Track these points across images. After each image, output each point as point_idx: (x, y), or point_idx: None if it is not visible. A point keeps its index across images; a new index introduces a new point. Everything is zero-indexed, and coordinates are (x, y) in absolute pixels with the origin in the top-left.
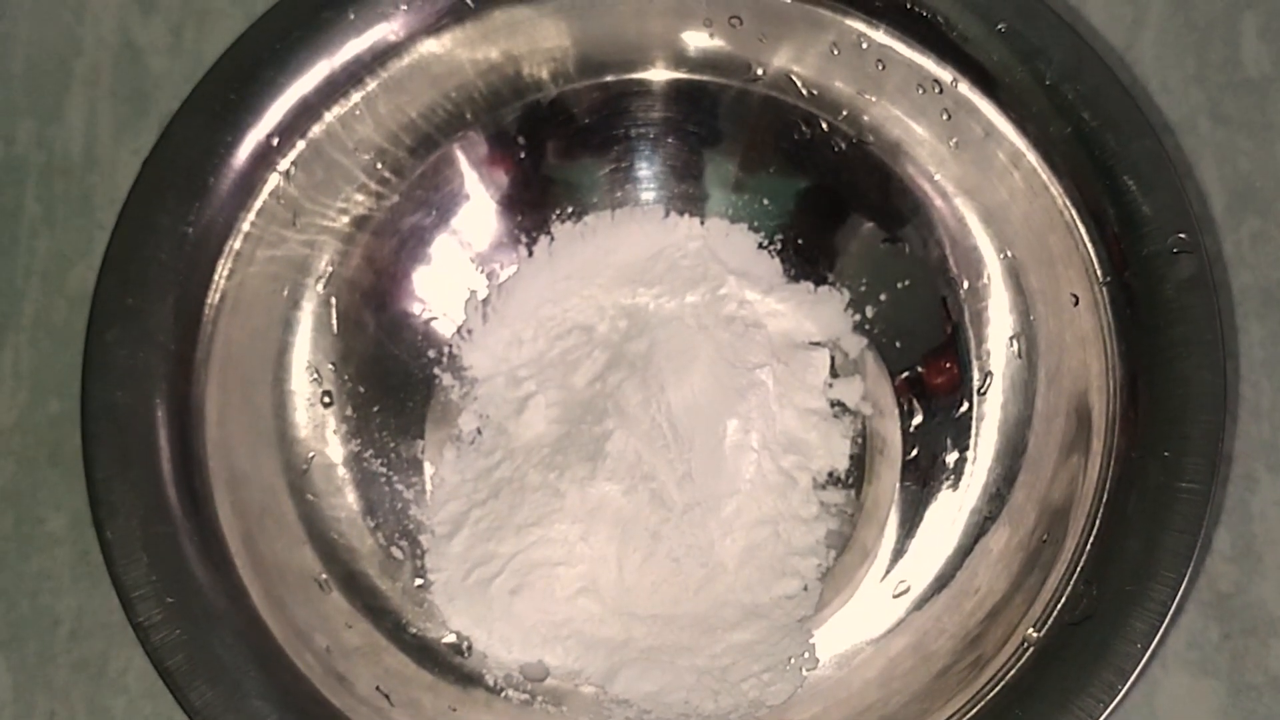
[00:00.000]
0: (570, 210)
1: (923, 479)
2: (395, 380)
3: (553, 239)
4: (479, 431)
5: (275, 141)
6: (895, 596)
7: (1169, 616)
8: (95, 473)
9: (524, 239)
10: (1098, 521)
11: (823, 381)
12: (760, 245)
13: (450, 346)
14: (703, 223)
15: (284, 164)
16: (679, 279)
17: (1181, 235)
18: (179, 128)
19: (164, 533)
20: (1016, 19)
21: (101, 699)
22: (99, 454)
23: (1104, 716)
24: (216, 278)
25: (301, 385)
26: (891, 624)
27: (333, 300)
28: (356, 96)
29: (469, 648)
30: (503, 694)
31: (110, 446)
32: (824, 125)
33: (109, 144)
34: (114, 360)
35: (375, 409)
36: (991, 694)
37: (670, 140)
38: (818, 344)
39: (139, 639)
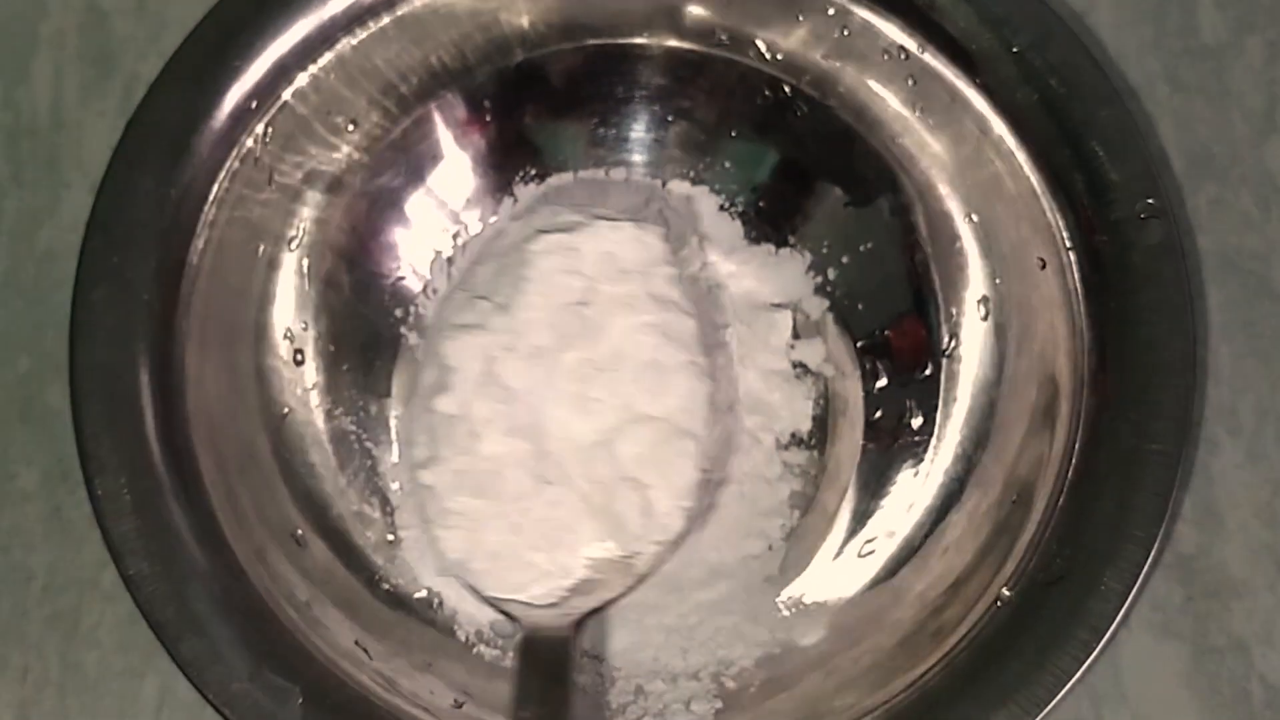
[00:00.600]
0: (533, 172)
1: (888, 441)
2: (363, 339)
3: (515, 200)
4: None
5: (253, 104)
6: (861, 556)
7: (1142, 576)
8: (84, 429)
9: (490, 200)
10: (1068, 483)
11: (785, 343)
12: (721, 208)
13: (416, 306)
14: (664, 184)
15: (260, 126)
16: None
17: (1150, 201)
18: (160, 91)
19: (150, 487)
20: None
21: (74, 654)
22: (87, 411)
23: (1077, 675)
24: (197, 238)
25: (275, 344)
26: (859, 585)
27: (305, 260)
28: (331, 58)
29: (440, 603)
30: (474, 649)
31: (97, 404)
32: (787, 89)
33: (75, 106)
34: (100, 319)
35: (345, 367)
36: (965, 652)
37: (634, 104)
38: (779, 306)
39: (130, 592)
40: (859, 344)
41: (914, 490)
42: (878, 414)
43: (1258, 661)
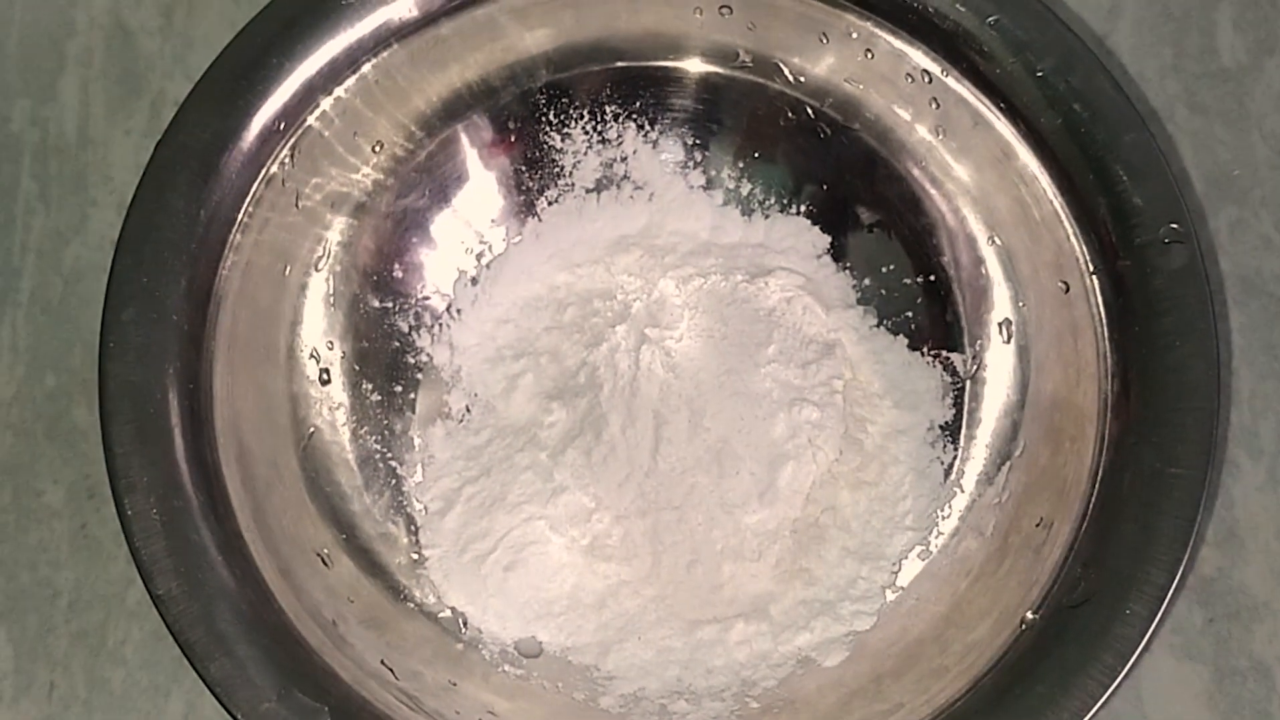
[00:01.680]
0: (558, 193)
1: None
2: (388, 358)
3: (540, 220)
4: (468, 409)
5: (280, 126)
6: (885, 588)
7: (1167, 599)
8: (114, 449)
9: (515, 220)
10: (1091, 506)
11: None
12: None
13: (441, 325)
14: (691, 206)
15: (287, 148)
16: (666, 259)
17: (1174, 225)
18: (190, 112)
19: (179, 508)
20: (1006, 12)
21: (100, 670)
22: (117, 431)
23: (1104, 698)
24: (225, 259)
25: (301, 363)
26: (884, 608)
27: (331, 281)
28: (357, 81)
29: (465, 623)
30: (499, 669)
31: (127, 424)
32: (810, 112)
33: (102, 123)
34: (130, 339)
35: (369, 386)
36: (991, 675)
37: (658, 125)
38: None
39: (159, 611)
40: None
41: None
42: None
43: (1279, 683)
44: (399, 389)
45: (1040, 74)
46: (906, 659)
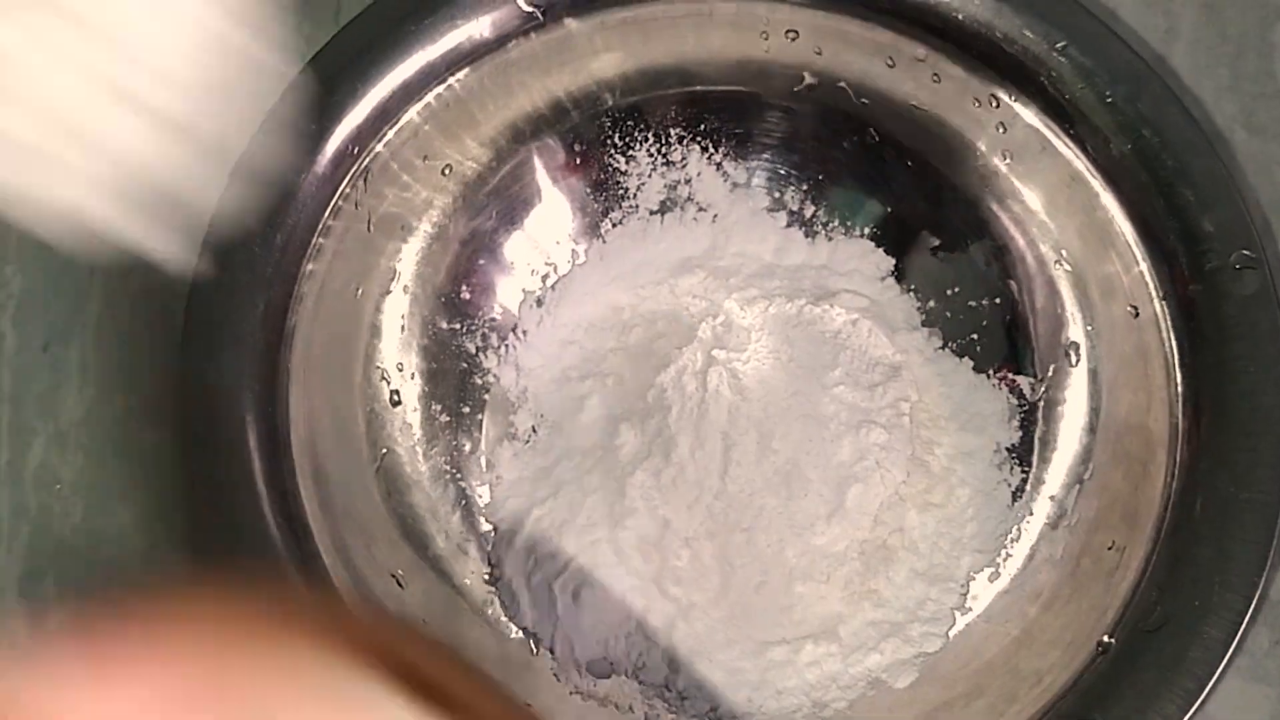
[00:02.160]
0: (623, 214)
1: None
2: (456, 380)
3: (604, 242)
4: (534, 430)
5: (354, 150)
6: (954, 609)
7: (1244, 624)
8: (193, 472)
9: (582, 241)
10: (1165, 530)
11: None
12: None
13: (507, 347)
14: (754, 228)
15: (360, 171)
16: (731, 281)
17: (1245, 251)
18: (263, 139)
19: (258, 528)
20: (1074, 38)
21: None
22: (196, 454)
23: None
24: (300, 282)
25: (374, 385)
26: (955, 631)
27: (401, 302)
28: (428, 104)
29: (536, 644)
30: (570, 689)
31: (206, 447)
32: (874, 134)
33: None
34: (207, 363)
35: (438, 408)
36: (1066, 701)
37: (722, 147)
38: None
39: None
40: None
41: (1010, 537)
42: None
43: None
44: (467, 410)
45: (1110, 100)
46: (978, 683)
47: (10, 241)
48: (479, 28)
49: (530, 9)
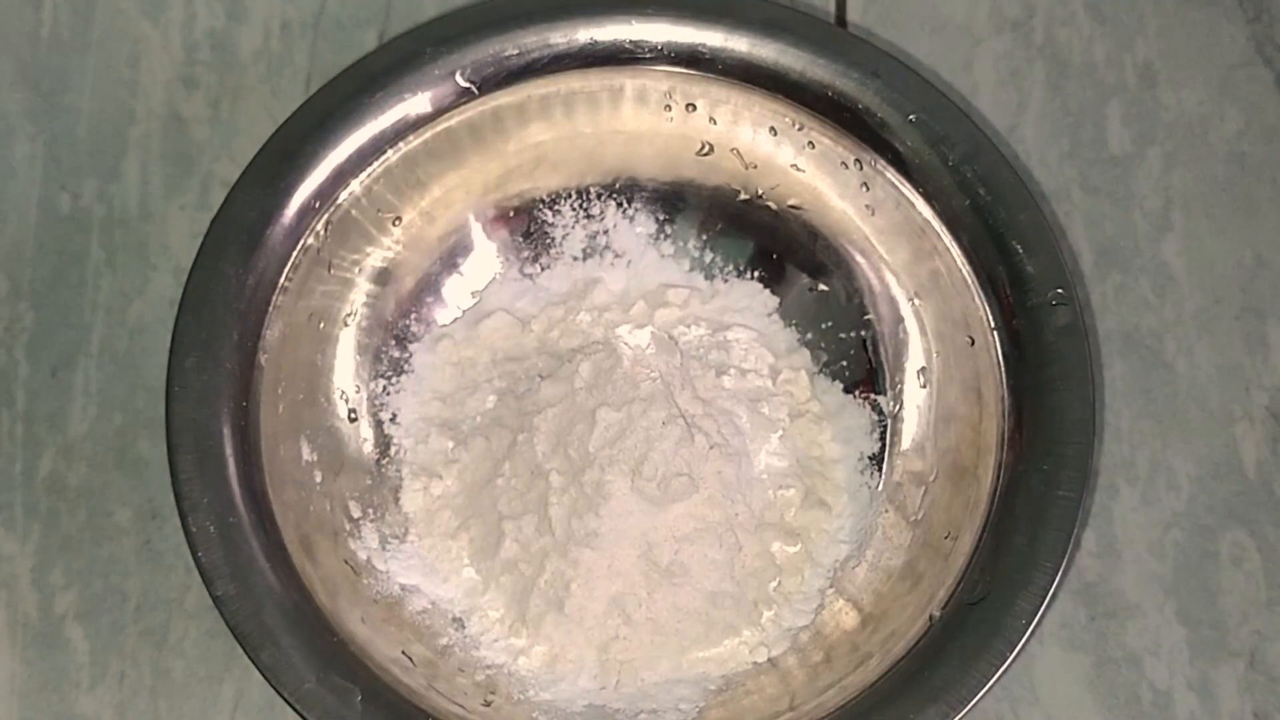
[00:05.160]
0: (550, 260)
1: None
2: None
3: (534, 282)
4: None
5: (316, 204)
6: (821, 590)
7: (1048, 599)
8: (179, 475)
9: (512, 283)
10: (989, 522)
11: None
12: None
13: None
14: (662, 271)
15: (321, 224)
16: (633, 311)
17: (1059, 290)
18: (240, 193)
19: (234, 523)
20: (925, 111)
21: (164, 662)
22: (181, 461)
23: (994, 679)
24: (269, 315)
25: (334, 403)
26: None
27: (357, 333)
28: (381, 167)
29: (464, 622)
30: (501, 664)
31: (189, 454)
32: (760, 193)
33: (160, 200)
34: (191, 383)
35: (390, 419)
36: (905, 661)
37: (634, 203)
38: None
39: (219, 610)
40: None
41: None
42: None
43: (1148, 671)
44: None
45: (951, 162)
46: (837, 647)
47: (24, 281)
48: (421, 102)
49: (466, 85)
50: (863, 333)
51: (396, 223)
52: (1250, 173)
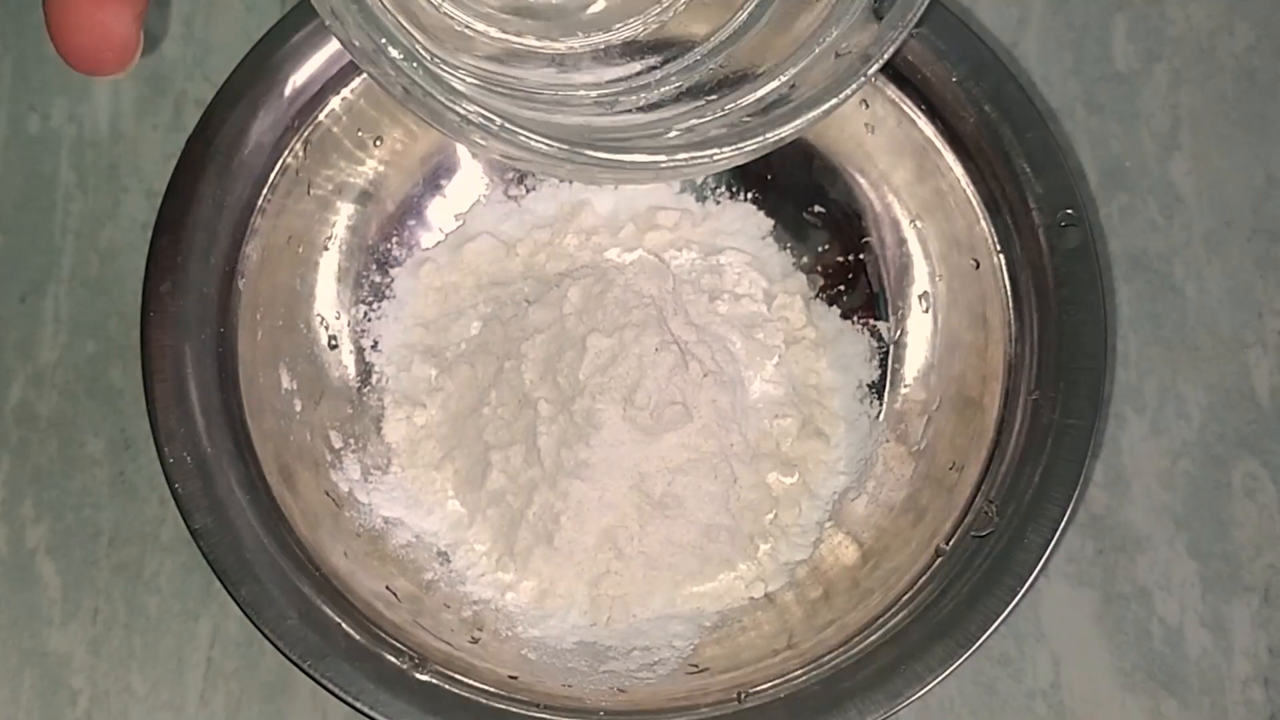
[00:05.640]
0: (535, 181)
1: None
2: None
3: (519, 204)
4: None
5: (294, 123)
6: (820, 523)
7: (1059, 531)
8: (155, 404)
9: (497, 205)
10: (996, 452)
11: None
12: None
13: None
14: (653, 193)
15: (299, 143)
16: (622, 234)
17: (1069, 211)
18: (214, 113)
19: (211, 454)
20: (929, 26)
21: (138, 597)
22: (158, 389)
23: (1004, 614)
24: (247, 238)
25: (315, 330)
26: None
27: (338, 257)
28: (361, 82)
29: (449, 556)
30: (489, 598)
31: (166, 382)
32: None
33: (131, 120)
34: (167, 309)
35: (371, 346)
36: (911, 595)
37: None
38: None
39: (196, 543)
40: None
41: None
42: None
43: (1158, 606)
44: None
45: (956, 79)
46: (836, 583)
47: None
48: None
49: None
50: (862, 256)
51: (378, 142)
52: (1261, 90)
